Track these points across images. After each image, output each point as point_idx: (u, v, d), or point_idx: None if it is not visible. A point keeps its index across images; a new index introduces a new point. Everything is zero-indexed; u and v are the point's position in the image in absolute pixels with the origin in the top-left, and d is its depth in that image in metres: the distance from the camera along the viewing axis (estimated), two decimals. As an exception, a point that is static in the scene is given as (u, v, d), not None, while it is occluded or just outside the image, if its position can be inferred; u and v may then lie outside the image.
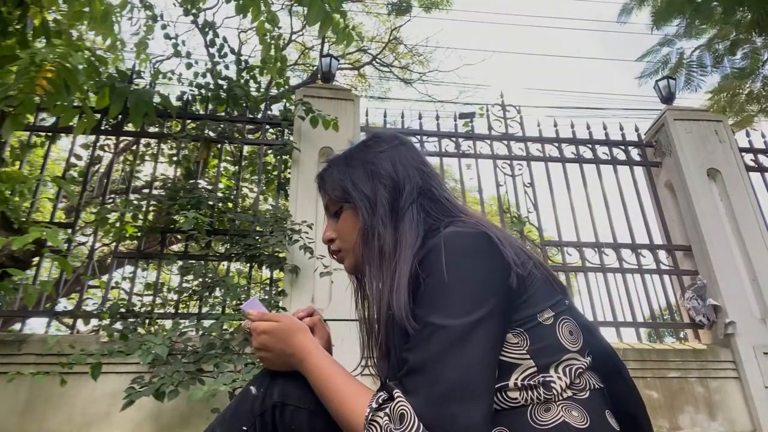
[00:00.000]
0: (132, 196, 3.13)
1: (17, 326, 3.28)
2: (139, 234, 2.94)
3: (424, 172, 0.93)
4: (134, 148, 3.54)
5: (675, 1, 3.33)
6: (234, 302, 2.57)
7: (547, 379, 0.73)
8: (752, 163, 3.68)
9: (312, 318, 0.98)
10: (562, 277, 3.26)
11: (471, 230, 0.79)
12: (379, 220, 0.87)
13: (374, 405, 0.73)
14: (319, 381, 0.81)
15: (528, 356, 0.74)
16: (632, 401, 0.82)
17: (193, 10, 3.69)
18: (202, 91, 3.38)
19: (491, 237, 0.77)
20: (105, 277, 3.13)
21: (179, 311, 2.85)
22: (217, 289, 2.73)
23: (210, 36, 3.78)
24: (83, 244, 3.84)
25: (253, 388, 0.86)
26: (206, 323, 2.48)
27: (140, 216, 2.97)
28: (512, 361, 0.74)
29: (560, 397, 0.73)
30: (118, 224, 2.91)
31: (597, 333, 0.83)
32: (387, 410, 0.71)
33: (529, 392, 0.73)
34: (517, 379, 0.73)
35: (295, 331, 0.87)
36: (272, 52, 3.38)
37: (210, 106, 3.40)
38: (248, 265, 2.90)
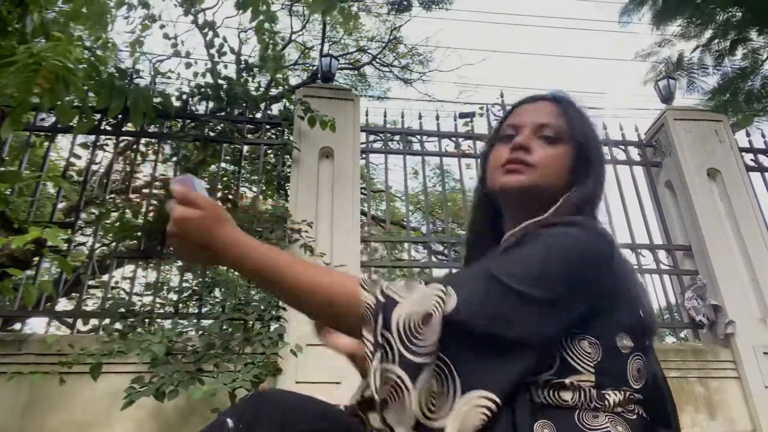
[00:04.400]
0: (132, 196, 3.13)
1: (17, 326, 3.27)
2: (139, 234, 2.94)
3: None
4: (134, 147, 3.54)
5: (674, 1, 3.33)
6: (234, 301, 2.57)
7: (602, 392, 0.72)
8: (752, 163, 3.68)
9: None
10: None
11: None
12: (592, 177, 0.87)
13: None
14: (266, 268, 0.71)
15: (592, 370, 0.72)
16: None
17: (192, 10, 3.68)
18: (202, 90, 3.38)
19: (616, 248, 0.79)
20: (105, 277, 3.12)
21: (179, 311, 2.85)
22: (217, 288, 2.74)
23: (209, 36, 3.78)
24: (83, 244, 3.83)
25: (230, 421, 0.74)
26: (206, 323, 2.48)
27: (140, 216, 2.97)
28: (576, 367, 0.72)
29: (609, 410, 0.71)
30: (118, 224, 2.91)
31: (663, 383, 0.81)
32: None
33: (581, 395, 0.70)
34: (573, 380, 0.71)
35: (219, 221, 0.74)
36: (269, 51, 3.39)
37: (210, 106, 3.40)
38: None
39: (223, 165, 3.42)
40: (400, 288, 0.68)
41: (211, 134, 3.28)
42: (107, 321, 2.55)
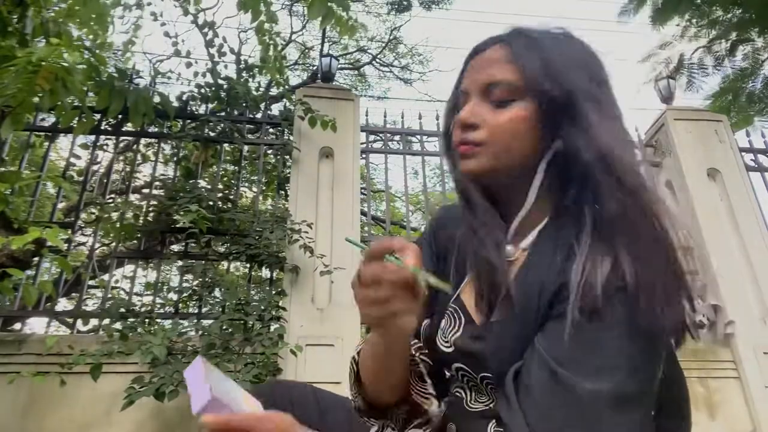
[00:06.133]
0: (132, 196, 3.13)
1: (17, 326, 3.28)
2: (139, 234, 2.94)
3: None
4: (134, 147, 3.54)
5: (673, 0, 3.34)
6: (234, 301, 2.56)
7: None
8: (752, 163, 3.68)
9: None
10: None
11: None
12: (579, 126, 0.69)
13: None
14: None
15: None
16: None
17: (192, 9, 3.68)
18: (202, 90, 3.38)
19: None
20: (105, 277, 3.12)
21: (179, 311, 2.85)
22: (217, 289, 2.73)
23: (209, 36, 3.78)
24: (83, 244, 3.83)
25: None
26: (206, 323, 2.48)
27: (140, 216, 2.98)
28: None
29: None
30: (118, 224, 2.91)
31: None
32: None
33: None
34: None
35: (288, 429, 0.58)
36: (271, 52, 3.38)
37: (210, 106, 3.40)
38: (248, 265, 2.90)
39: (223, 165, 3.42)
40: None
41: (211, 134, 3.28)
42: (107, 321, 2.54)
